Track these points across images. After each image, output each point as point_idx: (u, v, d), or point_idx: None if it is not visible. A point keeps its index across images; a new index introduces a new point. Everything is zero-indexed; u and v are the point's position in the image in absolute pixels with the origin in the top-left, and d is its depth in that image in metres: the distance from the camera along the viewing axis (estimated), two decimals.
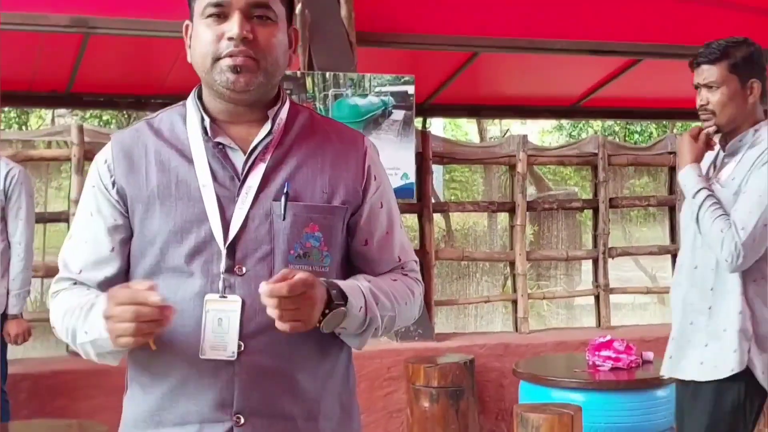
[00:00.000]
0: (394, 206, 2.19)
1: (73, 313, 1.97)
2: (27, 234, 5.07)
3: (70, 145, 6.42)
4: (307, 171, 2.02)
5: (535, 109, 9.89)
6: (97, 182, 2.05)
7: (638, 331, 7.41)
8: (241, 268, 1.94)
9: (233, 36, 1.91)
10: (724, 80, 3.38)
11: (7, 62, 7.27)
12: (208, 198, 1.96)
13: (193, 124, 2.03)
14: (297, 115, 2.09)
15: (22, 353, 6.46)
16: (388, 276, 2.14)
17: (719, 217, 3.31)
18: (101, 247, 2.03)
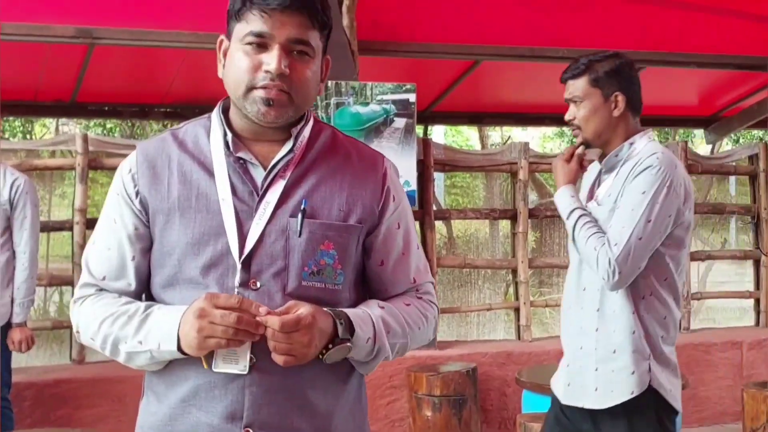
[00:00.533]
0: (411, 227, 2.20)
1: (116, 320, 2.00)
2: (32, 243, 5.11)
3: (75, 154, 6.46)
4: (325, 189, 2.04)
5: (537, 116, 9.88)
6: (120, 190, 2.07)
7: None
8: (255, 283, 1.96)
9: (271, 70, 1.93)
10: (586, 94, 3.37)
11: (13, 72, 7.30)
12: (226, 212, 1.99)
13: (217, 138, 2.06)
14: (320, 134, 2.12)
15: (25, 361, 6.49)
16: (402, 299, 2.16)
17: (593, 235, 3.23)
18: (123, 254, 2.07)
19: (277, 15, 1.94)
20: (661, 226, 3.18)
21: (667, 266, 3.26)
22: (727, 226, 9.31)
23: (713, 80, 8.50)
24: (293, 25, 1.95)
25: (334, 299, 2.02)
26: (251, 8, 1.95)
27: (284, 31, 1.94)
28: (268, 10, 1.93)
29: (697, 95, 9.22)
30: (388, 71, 7.67)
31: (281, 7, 1.93)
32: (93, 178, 6.78)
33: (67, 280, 6.51)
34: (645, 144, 3.35)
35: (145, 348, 1.96)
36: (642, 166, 3.23)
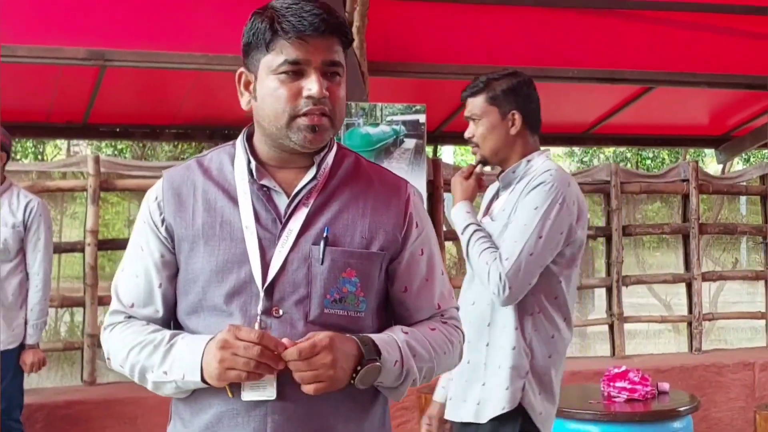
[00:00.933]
0: (436, 253, 2.20)
1: (142, 349, 2.01)
2: (45, 265, 5.14)
3: (86, 176, 6.48)
4: (347, 216, 2.05)
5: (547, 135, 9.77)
6: (147, 218, 2.10)
7: (653, 360, 7.41)
8: (277, 310, 1.98)
9: (314, 95, 1.95)
10: (484, 112, 3.36)
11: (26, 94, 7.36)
12: (250, 239, 2.00)
13: (240, 165, 2.07)
14: (343, 160, 2.13)
15: (36, 383, 6.49)
16: (426, 324, 2.15)
17: (485, 250, 3.20)
18: (150, 281, 2.09)
19: (311, 40, 1.96)
20: (552, 243, 3.16)
21: (558, 284, 3.25)
22: (738, 246, 9.29)
23: (724, 100, 8.49)
24: (326, 48, 1.98)
25: (357, 326, 2.02)
26: (284, 37, 1.96)
27: (319, 55, 1.97)
28: (303, 36, 1.95)
29: (707, 115, 9.21)
30: (398, 92, 7.68)
31: (317, 32, 1.95)
32: (104, 198, 6.79)
33: (79, 302, 6.52)
34: (542, 162, 3.33)
35: (171, 378, 1.97)
36: (535, 183, 3.22)
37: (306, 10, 1.96)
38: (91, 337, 6.40)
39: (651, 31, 7.40)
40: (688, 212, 7.94)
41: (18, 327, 5.08)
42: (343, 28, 2.01)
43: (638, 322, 8.05)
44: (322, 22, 1.96)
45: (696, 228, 7.87)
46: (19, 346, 5.09)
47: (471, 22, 7.14)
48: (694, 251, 7.88)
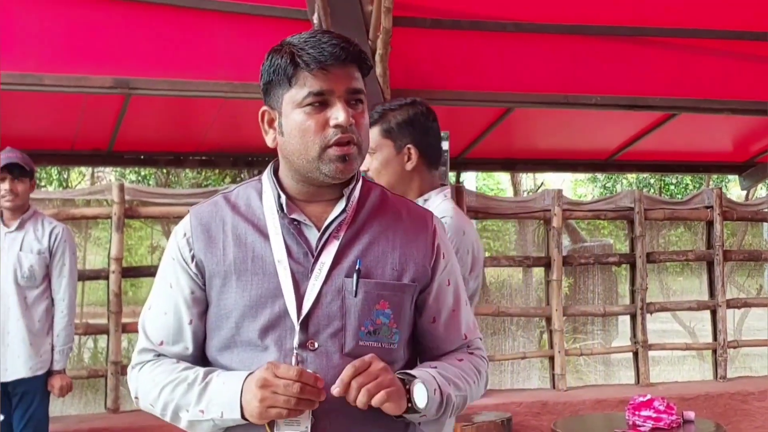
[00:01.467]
0: (460, 283, 2.21)
1: (176, 388, 2.01)
2: (70, 291, 5.18)
3: (111, 203, 6.52)
4: (378, 249, 2.06)
5: (570, 162, 9.90)
6: (176, 255, 2.09)
7: (678, 388, 7.35)
8: (313, 344, 1.97)
9: (341, 123, 1.95)
10: (378, 146, 3.08)
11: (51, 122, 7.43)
12: (282, 273, 2.00)
13: (269, 200, 2.07)
14: (369, 193, 2.14)
15: (60, 410, 6.52)
16: (454, 356, 2.17)
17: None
18: (180, 318, 2.08)
19: (332, 69, 1.97)
20: None
21: None
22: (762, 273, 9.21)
23: (747, 126, 8.47)
24: (348, 77, 1.99)
25: (390, 358, 2.02)
26: (307, 69, 1.97)
27: (342, 84, 1.98)
28: (326, 67, 1.96)
29: (731, 141, 9.19)
30: None
31: (338, 61, 1.96)
32: (127, 223, 6.83)
33: (103, 329, 6.54)
34: (439, 203, 3.07)
35: (208, 417, 1.97)
36: None
37: (324, 41, 1.97)
38: (114, 364, 6.42)
39: (674, 58, 7.40)
40: (712, 239, 7.90)
41: (45, 353, 5.11)
42: (363, 55, 2.02)
43: (663, 349, 8.00)
44: (343, 51, 1.97)
45: (720, 255, 7.83)
46: (46, 372, 5.12)
47: (493, 49, 7.16)
48: (718, 278, 7.84)
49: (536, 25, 7.09)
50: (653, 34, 7.27)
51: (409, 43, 6.77)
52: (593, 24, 7.14)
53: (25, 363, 5.03)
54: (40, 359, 5.07)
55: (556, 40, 7.24)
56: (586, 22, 7.10)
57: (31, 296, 5.08)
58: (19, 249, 5.08)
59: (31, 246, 5.09)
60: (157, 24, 6.45)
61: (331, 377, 1.91)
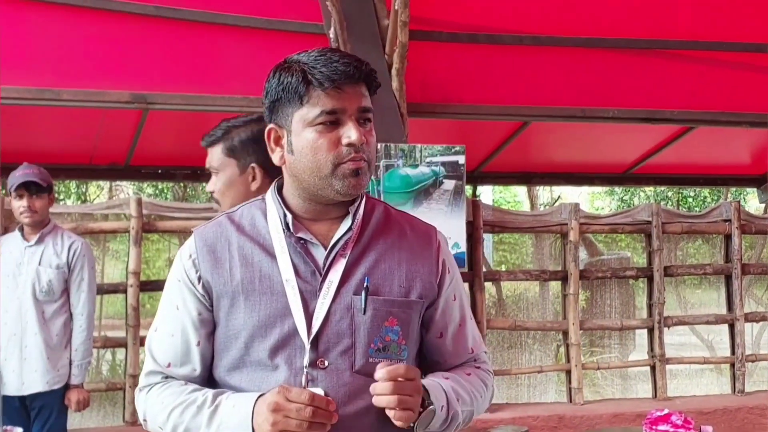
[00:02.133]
0: (465, 298, 2.22)
1: (185, 410, 2.00)
2: (89, 306, 5.17)
3: (129, 218, 6.55)
4: (385, 266, 2.06)
5: (587, 176, 9.88)
6: (182, 276, 2.09)
7: (696, 402, 7.32)
8: (323, 362, 1.97)
9: (354, 142, 1.95)
10: (222, 165, 2.91)
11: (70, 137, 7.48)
12: (291, 293, 1.99)
13: (274, 219, 2.07)
14: (373, 210, 2.13)
15: (78, 423, 6.54)
16: (462, 369, 2.17)
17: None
18: (188, 340, 2.08)
19: (345, 88, 1.97)
20: None
21: None
22: None
23: (766, 139, 8.44)
24: (359, 96, 1.99)
25: None
26: (320, 88, 1.97)
27: (354, 103, 1.97)
28: (340, 86, 1.96)
29: (749, 154, 9.16)
30: (437, 133, 7.72)
31: (351, 80, 1.97)
32: (145, 237, 6.85)
33: (121, 342, 6.57)
34: None
35: None
36: None
37: (335, 59, 1.98)
38: (133, 377, 6.45)
39: (692, 71, 7.39)
40: (731, 252, 7.88)
41: (63, 367, 5.11)
42: (373, 74, 2.02)
43: (680, 363, 7.97)
44: (356, 70, 1.97)
45: (738, 268, 7.81)
46: (64, 386, 5.12)
47: (510, 62, 7.17)
48: (736, 291, 7.81)
49: (553, 39, 7.10)
50: (671, 46, 7.27)
51: (426, 56, 6.79)
52: (610, 37, 7.15)
53: (42, 377, 5.03)
54: (57, 373, 5.07)
55: (572, 53, 7.24)
56: (603, 35, 7.12)
57: (49, 310, 5.09)
58: (38, 263, 5.08)
59: (50, 260, 5.09)
60: (174, 39, 6.49)
61: (341, 395, 1.92)
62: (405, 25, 6.25)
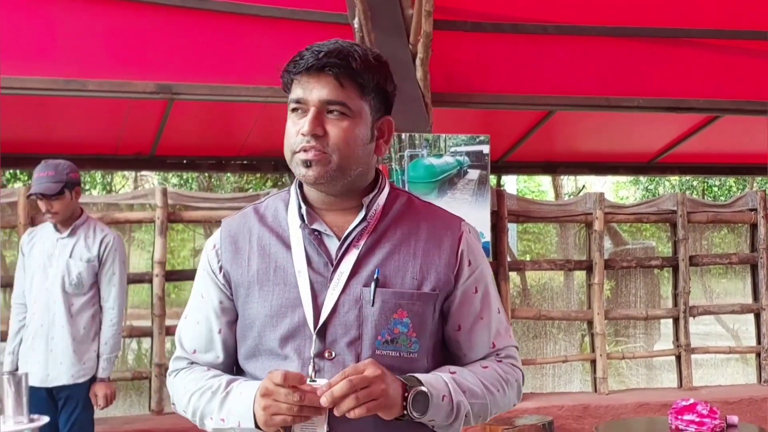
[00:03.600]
0: (492, 291, 2.18)
1: (202, 395, 2.05)
2: (119, 300, 5.15)
3: (154, 208, 6.58)
4: (398, 257, 2.05)
5: (612, 165, 9.85)
6: (206, 266, 2.15)
7: (721, 392, 7.29)
8: (330, 353, 1.98)
9: (304, 132, 1.98)
10: None
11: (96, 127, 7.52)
12: (302, 283, 2.01)
13: (293, 211, 2.10)
14: (395, 201, 2.13)
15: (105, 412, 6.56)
16: (479, 363, 2.14)
17: None
18: (210, 328, 2.13)
19: (307, 78, 1.99)
20: None
21: None
22: None
23: None
24: (323, 87, 1.99)
25: (409, 367, 2.01)
26: (293, 76, 2.01)
27: (315, 93, 1.99)
28: (299, 75, 1.99)
29: None
30: (461, 123, 7.71)
31: (307, 69, 1.98)
32: (171, 227, 6.88)
33: (146, 331, 6.61)
34: None
35: (228, 425, 2.00)
36: None
37: (312, 49, 2.00)
38: (158, 366, 6.49)
39: (717, 60, 7.34)
40: (756, 241, 7.84)
41: (89, 360, 5.08)
42: (344, 67, 1.99)
43: (706, 353, 7.94)
44: (316, 61, 1.98)
45: (764, 257, 7.76)
46: (90, 379, 5.10)
47: (535, 52, 7.15)
48: (762, 281, 7.77)
49: (577, 28, 7.07)
50: (696, 35, 7.23)
51: (450, 46, 6.78)
52: (635, 26, 7.12)
53: (68, 370, 5.03)
54: (82, 366, 5.06)
55: (597, 42, 7.22)
56: (627, 23, 7.08)
57: (78, 303, 5.07)
58: (69, 256, 5.07)
59: (81, 254, 5.08)
60: (199, 29, 6.51)
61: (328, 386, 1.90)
62: (429, 14, 6.24)
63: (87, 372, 5.07)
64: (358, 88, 2.02)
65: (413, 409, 1.92)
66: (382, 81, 2.07)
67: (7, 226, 6.38)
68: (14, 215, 6.35)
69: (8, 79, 6.03)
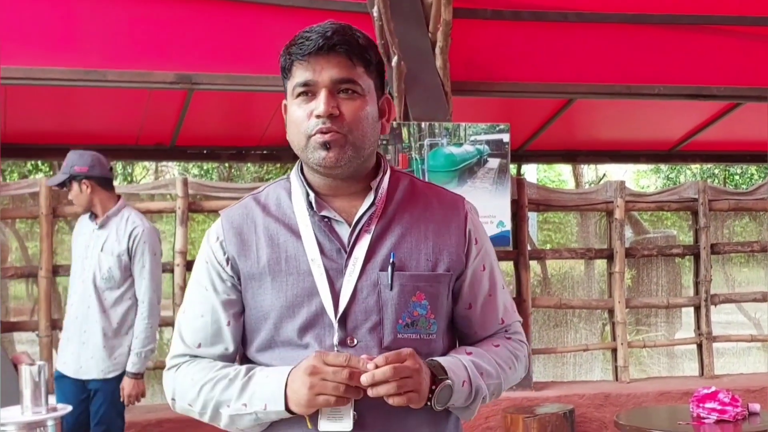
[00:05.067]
0: (496, 267, 2.19)
1: (216, 385, 2.00)
2: (150, 293, 5.07)
3: (175, 198, 6.59)
4: (411, 240, 2.04)
5: (632, 153, 9.82)
6: (210, 258, 2.09)
7: (743, 380, 7.26)
8: (352, 340, 1.97)
9: (320, 113, 1.94)
10: None
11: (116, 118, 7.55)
12: (317, 272, 1.99)
13: (298, 198, 2.06)
14: (398, 183, 2.11)
15: None
16: (491, 341, 2.15)
17: None
18: (218, 320, 2.08)
19: (316, 60, 1.96)
20: None
21: None
22: None
23: None
24: (333, 66, 1.96)
25: (429, 349, 2.02)
26: (293, 61, 1.98)
27: (326, 74, 1.96)
28: (307, 57, 1.96)
29: None
30: (481, 111, 7.70)
31: (316, 50, 1.95)
32: (191, 217, 6.90)
33: (168, 321, 6.62)
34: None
35: (251, 410, 1.96)
36: None
37: (316, 30, 1.97)
38: None
39: (738, 47, 7.30)
40: None
41: (120, 356, 5.03)
42: (352, 45, 1.98)
43: (727, 341, 7.91)
44: (326, 40, 1.95)
45: None
46: (120, 374, 5.04)
47: (555, 40, 7.13)
48: None
49: (598, 15, 7.05)
50: (717, 22, 7.19)
51: (470, 34, 6.77)
52: (656, 13, 7.08)
53: (98, 365, 5.00)
54: (113, 362, 5.02)
55: (618, 29, 7.19)
56: (648, 11, 7.04)
57: (110, 298, 5.03)
58: (101, 249, 5.04)
59: (112, 248, 5.03)
60: (218, 19, 6.52)
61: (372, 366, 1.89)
62: (449, 2, 6.24)
63: (117, 368, 5.02)
64: (365, 65, 2.01)
65: (437, 402, 1.93)
66: (380, 59, 2.07)
67: (30, 216, 6.41)
68: (36, 206, 6.38)
69: (29, 69, 6.07)
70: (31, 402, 3.94)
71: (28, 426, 3.87)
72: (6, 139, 7.40)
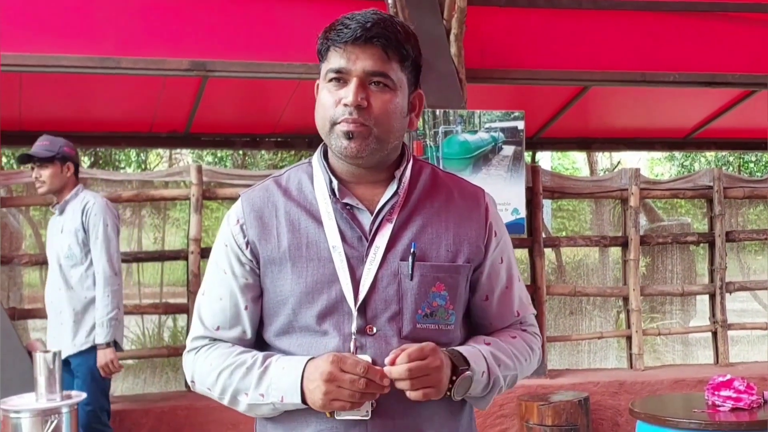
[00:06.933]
0: (513, 260, 2.20)
1: (234, 372, 2.01)
2: (104, 262, 5.09)
3: (189, 185, 6.60)
4: (432, 230, 2.04)
5: (647, 141, 9.79)
6: (229, 242, 2.09)
7: (758, 368, 7.23)
8: (372, 329, 1.97)
9: (348, 103, 1.94)
10: None
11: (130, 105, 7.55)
12: (338, 259, 1.99)
13: (321, 184, 2.06)
14: (420, 173, 2.11)
15: (141, 389, 6.65)
16: (507, 333, 2.16)
17: None
18: (237, 304, 2.08)
19: (352, 49, 1.95)
20: None
21: None
22: None
23: None
24: (368, 58, 1.96)
25: (447, 339, 2.02)
26: (330, 46, 1.97)
27: (360, 64, 1.95)
28: (343, 45, 1.95)
29: None
30: (496, 98, 7.68)
31: (353, 39, 1.94)
32: (205, 205, 6.91)
33: (182, 308, 6.64)
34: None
35: (268, 401, 1.97)
36: None
37: (356, 19, 1.96)
38: None
39: (753, 34, 7.27)
40: None
41: (92, 329, 5.10)
42: (390, 38, 1.97)
43: (742, 329, 7.88)
44: (364, 31, 1.94)
45: None
46: (92, 347, 5.09)
47: (569, 27, 7.10)
48: None
49: (612, 2, 7.02)
50: (733, 9, 7.15)
51: (484, 22, 6.75)
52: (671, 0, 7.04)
53: (71, 340, 5.09)
54: (84, 335, 5.09)
55: (632, 16, 7.16)
56: None
57: (75, 276, 5.13)
58: (60, 232, 5.17)
59: (68, 226, 5.14)
60: (233, 6, 6.51)
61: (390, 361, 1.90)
62: None
63: (89, 341, 5.09)
64: (400, 60, 2.00)
65: (456, 393, 1.94)
66: (418, 54, 2.05)
67: (44, 203, 6.43)
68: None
69: (44, 57, 6.08)
70: (46, 389, 3.94)
71: (42, 413, 3.86)
72: (21, 126, 7.43)
